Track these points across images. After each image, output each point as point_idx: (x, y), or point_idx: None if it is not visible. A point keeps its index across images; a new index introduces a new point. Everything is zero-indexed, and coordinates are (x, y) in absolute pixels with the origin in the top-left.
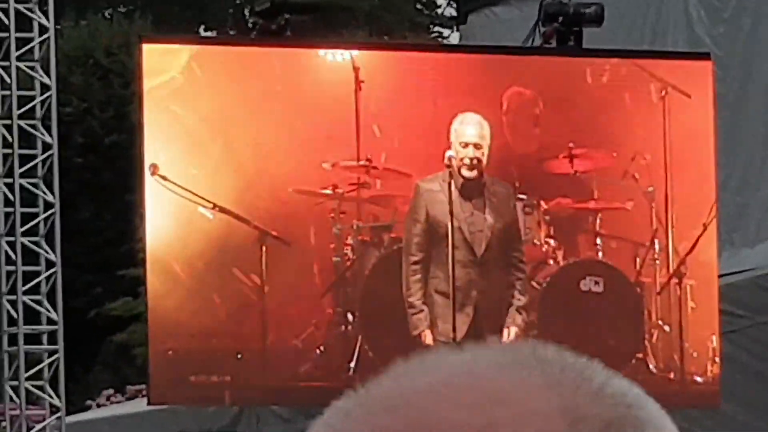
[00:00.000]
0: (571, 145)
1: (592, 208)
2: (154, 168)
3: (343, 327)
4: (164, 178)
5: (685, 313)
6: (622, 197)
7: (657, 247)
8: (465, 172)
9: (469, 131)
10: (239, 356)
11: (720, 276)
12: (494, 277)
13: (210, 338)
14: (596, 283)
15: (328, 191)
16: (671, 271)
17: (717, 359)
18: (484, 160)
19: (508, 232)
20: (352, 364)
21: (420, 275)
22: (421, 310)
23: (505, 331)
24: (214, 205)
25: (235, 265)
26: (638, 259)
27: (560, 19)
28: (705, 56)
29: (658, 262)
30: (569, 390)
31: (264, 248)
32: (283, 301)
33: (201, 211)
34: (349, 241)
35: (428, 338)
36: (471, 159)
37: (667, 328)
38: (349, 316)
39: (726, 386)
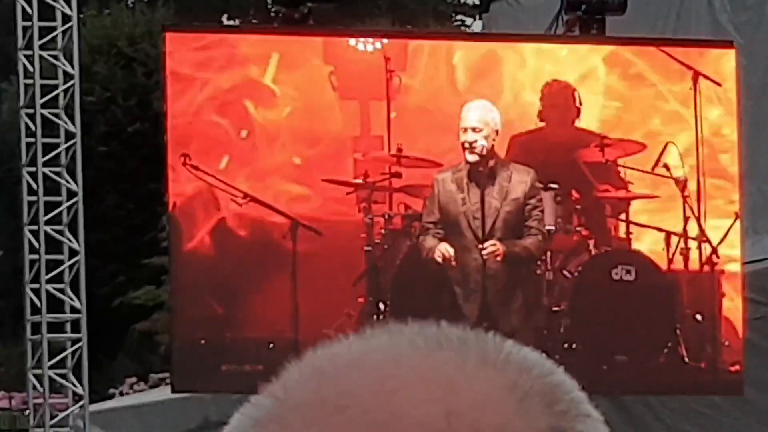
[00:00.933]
0: (602, 134)
1: (624, 197)
2: (185, 158)
3: (375, 316)
4: (196, 167)
5: (717, 303)
6: (654, 186)
7: (689, 235)
8: (467, 156)
9: (471, 116)
10: (271, 345)
11: (744, 263)
12: (501, 262)
13: (242, 328)
14: (628, 272)
15: (359, 181)
16: (703, 260)
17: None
18: (487, 143)
19: (520, 214)
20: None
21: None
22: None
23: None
24: (245, 195)
25: (266, 254)
26: (670, 248)
27: (583, 7)
28: (728, 44)
29: (690, 251)
30: (504, 367)
31: (296, 237)
32: (314, 291)
33: (232, 200)
34: (381, 230)
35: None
36: (470, 143)
37: (699, 317)
38: (381, 305)
39: (749, 373)
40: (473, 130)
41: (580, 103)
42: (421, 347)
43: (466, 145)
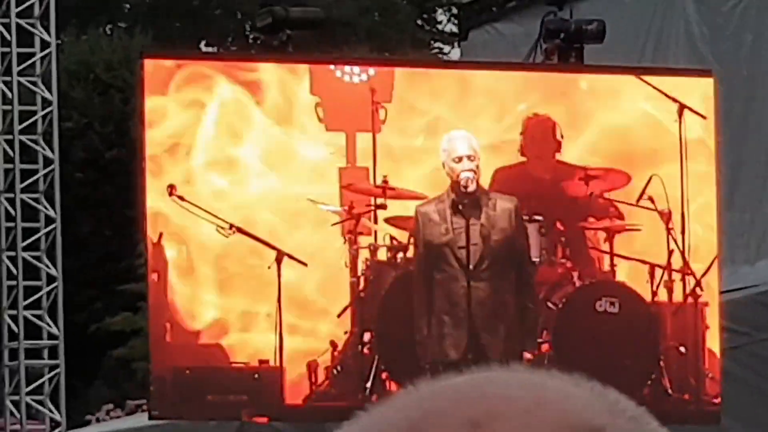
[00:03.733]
0: (586, 166)
1: (608, 228)
2: (172, 188)
3: (359, 347)
4: (181, 198)
5: (701, 335)
6: (638, 218)
7: (673, 267)
8: (463, 187)
9: (460, 145)
10: (256, 376)
11: (721, 293)
12: (491, 289)
13: (227, 357)
14: (612, 304)
15: (343, 211)
16: (687, 292)
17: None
18: (479, 172)
19: (510, 245)
20: (369, 384)
21: (425, 300)
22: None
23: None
24: (231, 226)
25: (251, 283)
26: (654, 280)
27: (562, 35)
28: (707, 73)
29: (674, 282)
30: (597, 395)
31: (280, 268)
32: (299, 321)
33: (217, 230)
34: (366, 261)
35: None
36: (468, 171)
37: (682, 349)
38: (366, 336)
39: (727, 403)
40: (468, 158)
41: (561, 136)
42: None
43: (464, 175)
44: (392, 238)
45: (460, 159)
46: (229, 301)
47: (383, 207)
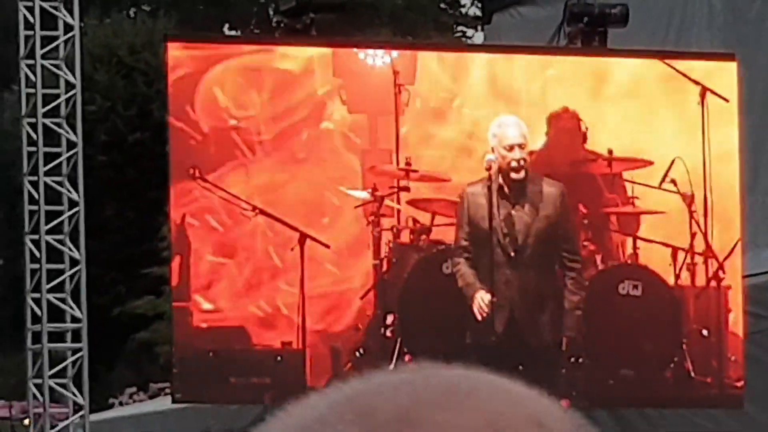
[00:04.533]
0: (610, 149)
1: (631, 212)
2: (195, 170)
3: (382, 329)
4: (204, 180)
5: (724, 318)
6: (661, 201)
7: (695, 250)
8: (513, 175)
9: (512, 133)
10: (279, 359)
11: (744, 277)
12: (533, 276)
13: (250, 340)
14: (635, 287)
15: (366, 194)
16: (710, 275)
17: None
18: (529, 159)
19: (553, 231)
20: (391, 366)
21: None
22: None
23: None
24: (254, 207)
25: (274, 266)
26: (677, 263)
27: (585, 19)
28: (730, 56)
29: (696, 266)
30: (528, 400)
31: (304, 250)
32: (322, 303)
33: (241, 213)
34: (389, 243)
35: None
36: (518, 161)
37: (705, 332)
38: (389, 319)
39: (749, 387)
40: (520, 147)
41: (586, 128)
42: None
43: (513, 164)
44: (415, 220)
45: (511, 147)
46: (252, 284)
47: (406, 189)
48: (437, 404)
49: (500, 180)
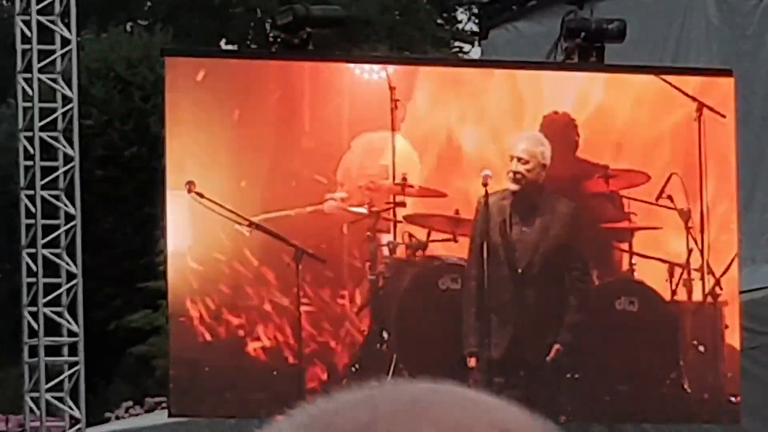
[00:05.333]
0: (606, 164)
1: (628, 227)
2: (191, 185)
3: (378, 345)
4: (201, 195)
5: (720, 334)
6: (658, 217)
7: (692, 266)
8: (508, 185)
9: (519, 145)
10: (275, 373)
11: (741, 292)
12: (538, 294)
13: (246, 355)
14: (631, 302)
15: (363, 210)
16: (706, 291)
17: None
18: (531, 175)
19: (562, 250)
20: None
21: (474, 292)
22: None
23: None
24: (250, 223)
25: (270, 282)
26: (673, 279)
27: (582, 34)
28: (727, 73)
29: (693, 281)
30: (493, 408)
31: (299, 266)
32: (318, 319)
33: (237, 228)
34: (385, 259)
35: (472, 362)
36: (513, 173)
37: (701, 348)
38: (384, 334)
39: (745, 402)
40: (518, 160)
41: (578, 135)
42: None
43: (509, 175)
44: (411, 235)
45: (512, 158)
46: (249, 299)
47: (402, 205)
48: (397, 417)
49: (512, 195)
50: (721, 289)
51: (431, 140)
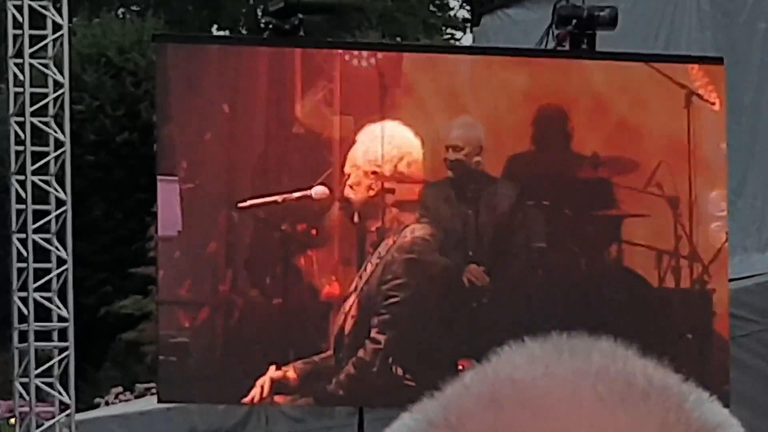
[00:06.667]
0: (595, 152)
1: (616, 214)
2: (181, 170)
3: (366, 332)
4: (191, 180)
5: (709, 321)
6: (646, 204)
7: (680, 254)
8: (448, 173)
9: (452, 134)
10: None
11: (731, 280)
12: (490, 277)
13: (231, 345)
14: (619, 290)
15: (351, 195)
16: (694, 278)
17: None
18: (468, 161)
19: (509, 233)
20: (374, 369)
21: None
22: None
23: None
24: (240, 208)
25: (259, 269)
26: (661, 267)
27: (574, 22)
28: (718, 60)
29: (681, 269)
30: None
31: (289, 253)
32: (306, 309)
33: (227, 213)
34: (373, 245)
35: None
36: (449, 161)
37: (690, 335)
38: (374, 321)
39: (736, 391)
40: (453, 148)
41: (572, 128)
42: (604, 399)
43: (447, 164)
44: (399, 222)
45: (447, 148)
46: (239, 285)
47: (391, 191)
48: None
49: (452, 181)
50: (709, 276)
51: (419, 125)
